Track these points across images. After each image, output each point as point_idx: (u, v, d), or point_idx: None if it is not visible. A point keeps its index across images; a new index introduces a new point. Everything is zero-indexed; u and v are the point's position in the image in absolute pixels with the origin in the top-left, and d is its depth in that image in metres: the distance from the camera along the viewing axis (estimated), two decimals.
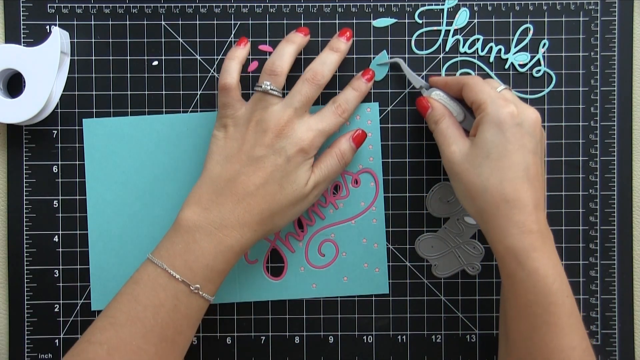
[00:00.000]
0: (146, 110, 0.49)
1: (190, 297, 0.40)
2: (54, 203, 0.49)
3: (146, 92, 0.49)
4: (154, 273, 0.40)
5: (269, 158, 0.42)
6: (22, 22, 0.49)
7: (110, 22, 0.49)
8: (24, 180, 0.49)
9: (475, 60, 0.49)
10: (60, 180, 0.49)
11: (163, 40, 0.49)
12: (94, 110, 0.49)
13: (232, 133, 0.43)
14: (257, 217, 0.41)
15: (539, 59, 0.49)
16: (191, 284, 0.40)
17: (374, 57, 0.49)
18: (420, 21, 0.49)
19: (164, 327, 0.39)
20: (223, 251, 0.41)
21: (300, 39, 0.45)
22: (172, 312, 0.40)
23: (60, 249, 0.49)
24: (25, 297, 0.49)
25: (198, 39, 0.49)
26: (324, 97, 0.49)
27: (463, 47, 0.49)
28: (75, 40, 0.49)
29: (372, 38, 0.49)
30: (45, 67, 0.46)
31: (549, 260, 0.39)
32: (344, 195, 0.49)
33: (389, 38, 0.49)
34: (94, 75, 0.49)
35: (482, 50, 0.49)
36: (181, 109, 0.49)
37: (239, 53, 0.45)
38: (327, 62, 0.44)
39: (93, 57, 0.49)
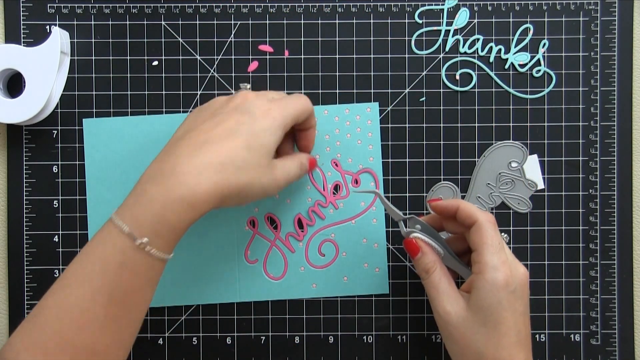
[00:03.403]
0: (146, 110, 0.49)
1: (136, 252, 0.36)
2: (54, 203, 0.49)
3: (146, 92, 0.49)
4: (107, 229, 0.37)
5: (233, 115, 0.39)
6: (22, 22, 0.49)
7: (110, 22, 0.49)
8: (24, 180, 0.49)
9: (475, 60, 0.49)
10: (60, 180, 0.49)
11: (163, 40, 0.49)
12: (94, 110, 0.49)
13: (201, 109, 0.42)
14: (218, 166, 0.36)
15: (539, 59, 0.49)
16: (138, 238, 0.35)
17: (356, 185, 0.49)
18: (420, 21, 0.49)
19: (112, 288, 0.36)
20: (174, 200, 0.35)
21: None
22: (119, 270, 0.36)
23: (60, 249, 0.49)
24: (25, 297, 0.49)
25: (198, 39, 0.49)
26: (321, 97, 0.49)
27: (463, 47, 0.49)
28: (75, 40, 0.49)
29: (372, 38, 0.49)
30: (45, 67, 0.46)
31: None
32: (344, 195, 0.49)
33: (389, 38, 0.49)
34: (94, 75, 0.49)
35: (482, 50, 0.49)
36: (181, 109, 0.49)
37: None
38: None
39: (93, 57, 0.49)
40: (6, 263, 0.49)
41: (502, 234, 0.44)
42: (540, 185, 0.49)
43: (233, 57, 0.49)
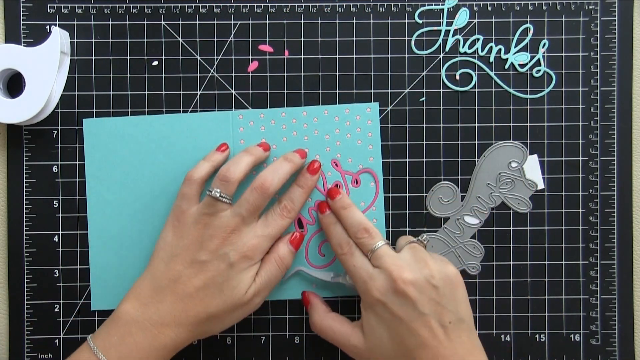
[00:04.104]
0: (146, 110, 0.49)
1: None
2: (54, 203, 0.49)
3: (146, 92, 0.49)
4: (87, 356, 0.41)
5: (212, 263, 0.42)
6: (22, 22, 0.49)
7: (110, 22, 0.49)
8: (24, 180, 0.49)
9: (475, 60, 0.49)
10: (60, 180, 0.49)
11: (163, 40, 0.49)
12: (94, 110, 0.49)
13: (180, 232, 0.43)
14: (193, 319, 0.42)
15: (539, 59, 0.49)
16: None
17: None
18: (420, 21, 0.49)
19: None
20: (157, 348, 0.41)
21: (260, 153, 0.46)
22: None
23: (60, 249, 0.49)
24: (25, 297, 0.49)
25: (198, 39, 0.49)
26: (321, 97, 0.49)
27: (463, 47, 0.49)
28: (75, 40, 0.49)
29: (372, 38, 0.49)
30: (45, 67, 0.46)
31: None
32: None
33: (389, 38, 0.49)
34: (94, 75, 0.49)
35: (482, 50, 0.49)
36: (181, 109, 0.49)
37: (215, 157, 0.47)
38: (278, 172, 0.44)
39: (93, 57, 0.49)
40: (6, 263, 0.49)
41: (379, 244, 0.44)
42: (540, 185, 0.49)
43: (233, 57, 0.49)
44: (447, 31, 0.49)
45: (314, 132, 0.49)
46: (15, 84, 0.49)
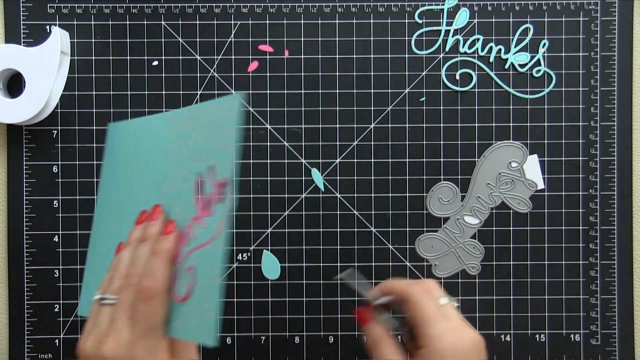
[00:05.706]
0: (146, 110, 0.49)
1: None
2: (54, 203, 0.49)
3: (146, 92, 0.49)
4: None
5: None
6: (22, 22, 0.49)
7: (110, 22, 0.49)
8: (24, 180, 0.49)
9: (475, 60, 0.49)
10: (60, 180, 0.49)
11: (163, 40, 0.49)
12: (94, 110, 0.49)
13: None
14: None
15: (539, 59, 0.49)
16: None
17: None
18: (420, 21, 0.49)
19: None
20: None
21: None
22: None
23: (60, 249, 0.49)
24: (25, 297, 0.49)
25: (198, 39, 0.49)
26: (321, 96, 0.49)
27: (463, 47, 0.49)
28: (75, 40, 0.49)
29: (372, 38, 0.49)
30: (45, 67, 0.46)
31: None
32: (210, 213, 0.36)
33: (389, 38, 0.49)
34: (94, 75, 0.49)
35: (482, 50, 0.49)
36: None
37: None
38: (138, 260, 0.35)
39: (93, 57, 0.49)
40: (6, 263, 0.49)
41: (448, 299, 0.41)
42: (540, 185, 0.49)
43: (233, 57, 0.49)
44: (447, 31, 0.49)
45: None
46: (15, 84, 0.49)
